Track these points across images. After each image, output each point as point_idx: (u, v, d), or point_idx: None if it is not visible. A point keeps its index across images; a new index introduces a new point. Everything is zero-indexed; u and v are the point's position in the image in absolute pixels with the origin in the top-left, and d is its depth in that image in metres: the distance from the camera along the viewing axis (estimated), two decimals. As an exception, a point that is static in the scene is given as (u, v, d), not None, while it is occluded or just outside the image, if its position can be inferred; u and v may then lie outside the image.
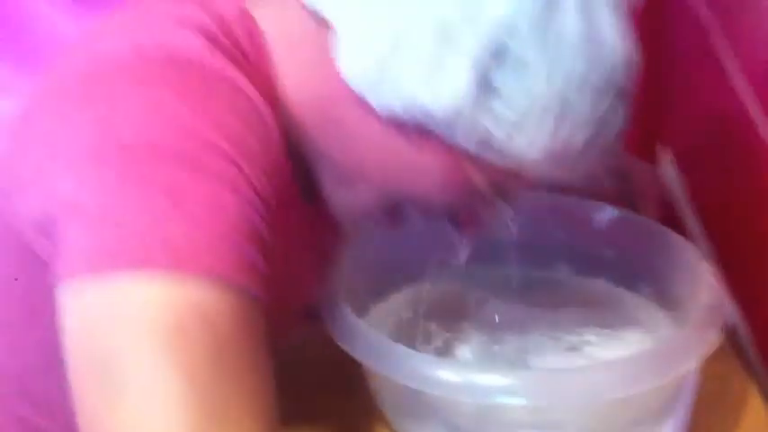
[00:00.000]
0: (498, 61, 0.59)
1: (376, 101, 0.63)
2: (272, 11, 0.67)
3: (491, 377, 0.70)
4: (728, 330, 0.77)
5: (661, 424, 0.74)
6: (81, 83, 0.61)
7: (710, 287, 0.77)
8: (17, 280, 0.64)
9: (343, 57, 0.63)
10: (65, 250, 0.55)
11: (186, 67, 0.60)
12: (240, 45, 0.65)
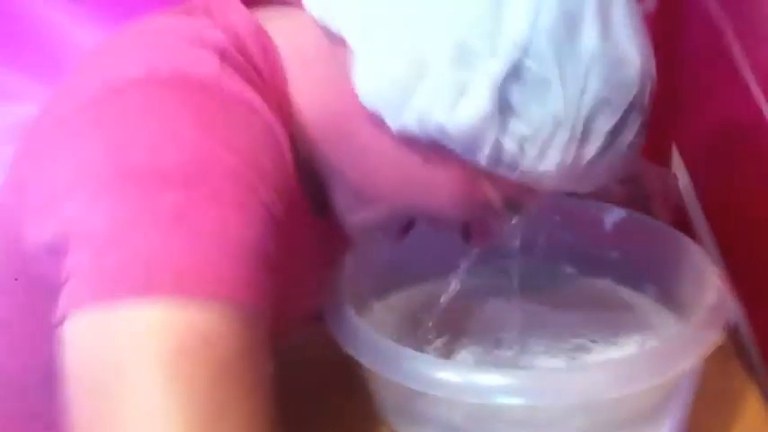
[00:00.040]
0: (517, 81, 0.59)
1: (391, 120, 0.62)
2: (285, 25, 0.67)
3: (489, 377, 0.69)
4: (731, 331, 0.77)
5: (659, 422, 0.74)
6: (94, 106, 0.60)
7: (715, 288, 0.77)
8: (17, 280, 0.65)
9: (360, 76, 0.62)
10: (71, 277, 0.54)
11: (200, 91, 0.60)
12: (254, 61, 0.64)
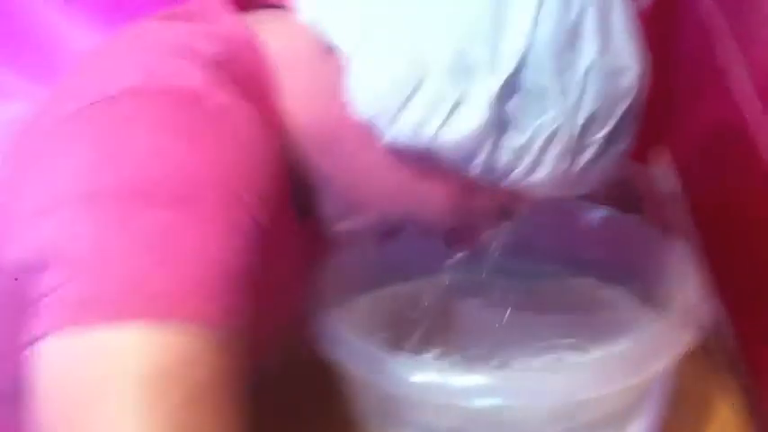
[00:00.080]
0: (516, 92, 0.59)
1: (384, 130, 0.62)
2: (279, 31, 0.66)
3: (466, 378, 0.69)
4: (711, 332, 0.77)
5: (632, 422, 0.74)
6: (74, 121, 0.59)
7: (694, 288, 0.77)
8: None
9: (354, 85, 0.62)
10: (46, 299, 0.53)
11: (186, 104, 0.58)
12: (246, 70, 0.63)
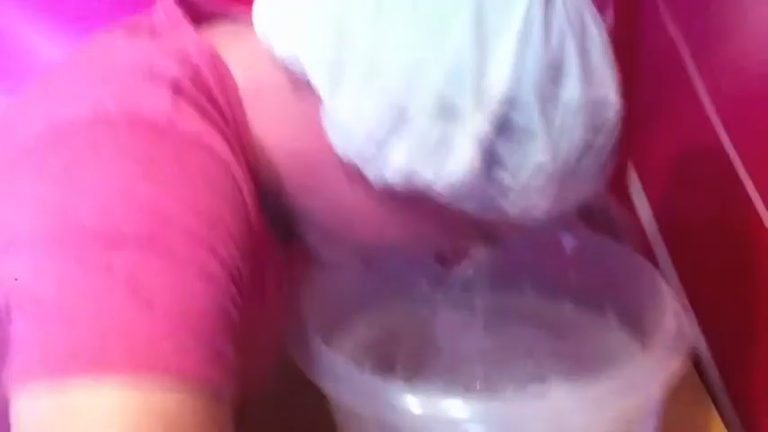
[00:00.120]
0: (503, 134, 0.58)
1: (369, 172, 0.60)
2: (239, 51, 0.63)
3: (455, 405, 0.68)
4: (693, 356, 0.77)
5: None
6: (39, 151, 0.56)
7: (675, 313, 0.77)
8: None
9: (331, 128, 0.60)
10: (18, 345, 0.51)
11: (152, 134, 0.55)
12: (211, 94, 0.60)
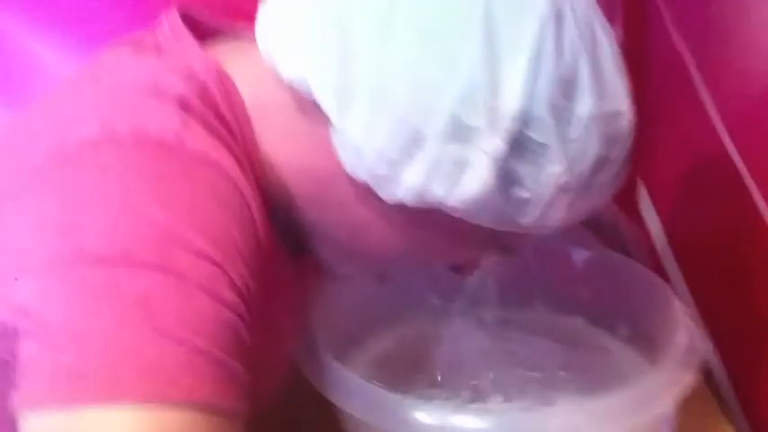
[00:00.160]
0: (519, 152, 0.58)
1: (382, 192, 0.60)
2: (244, 67, 0.63)
3: (467, 420, 0.69)
4: (705, 370, 0.77)
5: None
6: (43, 172, 0.55)
7: (687, 327, 0.77)
8: None
9: (344, 149, 0.59)
10: (27, 370, 0.50)
11: (161, 152, 0.55)
12: (219, 111, 0.60)
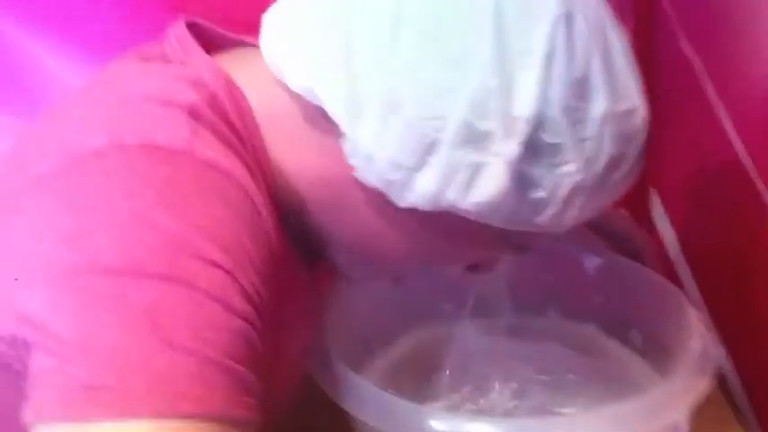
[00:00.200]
0: (533, 154, 0.58)
1: (394, 196, 0.60)
2: (250, 76, 0.63)
3: (479, 427, 0.69)
4: (719, 378, 0.77)
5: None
6: (52, 182, 0.55)
7: (700, 335, 0.77)
8: None
9: (355, 157, 0.59)
10: (37, 382, 0.50)
11: (171, 161, 0.55)
12: (229, 119, 0.60)
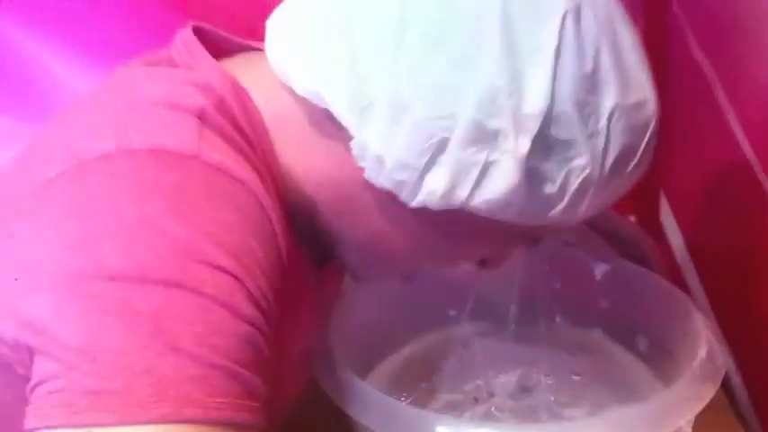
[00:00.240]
0: (544, 149, 0.58)
1: (406, 198, 0.60)
2: (256, 79, 0.63)
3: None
4: (724, 383, 0.77)
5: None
6: (60, 188, 0.55)
7: (708, 341, 0.77)
8: None
9: (364, 159, 0.59)
10: (41, 388, 0.50)
11: (179, 165, 0.55)
12: (237, 122, 0.60)
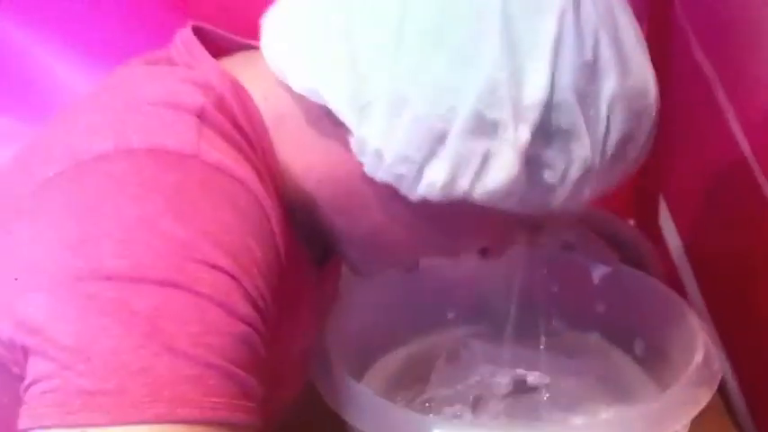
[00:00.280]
0: (545, 138, 0.58)
1: (404, 189, 0.60)
2: (255, 78, 0.63)
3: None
4: (721, 387, 0.76)
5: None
6: (59, 188, 0.55)
7: (704, 345, 0.77)
8: None
9: (364, 155, 0.59)
10: (35, 388, 0.50)
11: (178, 164, 0.55)
12: (237, 121, 0.60)
